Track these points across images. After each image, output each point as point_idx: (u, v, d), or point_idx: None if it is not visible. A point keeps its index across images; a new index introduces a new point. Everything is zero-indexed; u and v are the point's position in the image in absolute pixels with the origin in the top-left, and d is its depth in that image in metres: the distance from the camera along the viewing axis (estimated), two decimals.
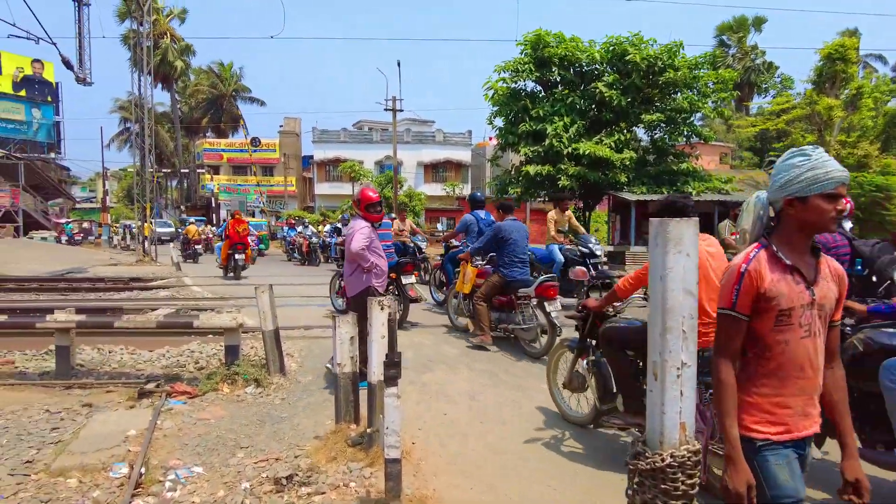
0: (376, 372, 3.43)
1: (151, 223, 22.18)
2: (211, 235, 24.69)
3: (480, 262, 6.96)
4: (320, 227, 22.84)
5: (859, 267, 4.24)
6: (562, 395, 4.49)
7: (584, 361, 4.17)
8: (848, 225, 4.72)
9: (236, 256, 13.83)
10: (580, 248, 8.81)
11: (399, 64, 25.72)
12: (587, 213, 22.53)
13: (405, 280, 7.55)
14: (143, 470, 3.55)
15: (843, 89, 22.41)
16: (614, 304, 3.96)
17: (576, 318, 4.33)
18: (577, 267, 6.38)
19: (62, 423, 4.44)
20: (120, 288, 12.50)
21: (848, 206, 4.36)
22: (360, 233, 5.05)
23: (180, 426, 4.35)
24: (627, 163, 18.79)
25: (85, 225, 39.25)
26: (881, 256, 4.18)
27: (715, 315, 3.09)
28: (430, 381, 5.37)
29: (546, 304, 6.11)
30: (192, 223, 23.08)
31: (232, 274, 14.13)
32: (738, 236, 2.84)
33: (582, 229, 9.68)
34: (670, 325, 1.87)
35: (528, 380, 5.44)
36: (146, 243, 21.35)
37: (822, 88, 22.50)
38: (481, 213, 8.23)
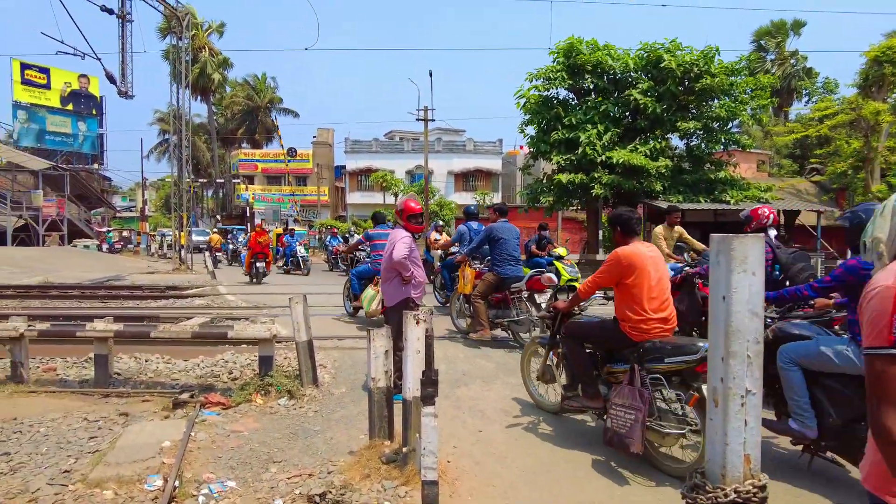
0: (412, 388, 3.34)
1: (189, 231, 22.80)
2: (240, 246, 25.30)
3: (479, 265, 7.63)
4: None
5: (777, 272, 4.85)
6: (535, 385, 5.04)
7: (553, 355, 4.69)
8: (773, 233, 5.22)
9: (257, 264, 15.41)
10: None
11: (431, 74, 25.96)
12: None
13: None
14: (177, 483, 3.53)
15: (892, 93, 21.55)
16: (580, 304, 4.46)
17: (546, 317, 4.89)
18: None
19: (99, 433, 4.47)
20: (156, 296, 12.75)
21: (771, 215, 5.27)
22: (401, 242, 5.05)
23: (214, 438, 4.34)
24: (663, 171, 18.41)
25: (125, 233, 40.46)
26: (795, 264, 4.79)
27: (651, 312, 3.81)
28: (464, 395, 5.26)
29: (536, 296, 6.79)
30: (216, 232, 24.55)
31: (255, 280, 15.61)
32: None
33: (700, 245, 7.61)
34: (734, 350, 1.73)
35: None
36: (182, 252, 21.82)
37: (869, 92, 21.67)
38: (473, 224, 8.61)
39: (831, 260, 18.07)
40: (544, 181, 20.92)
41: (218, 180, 49.19)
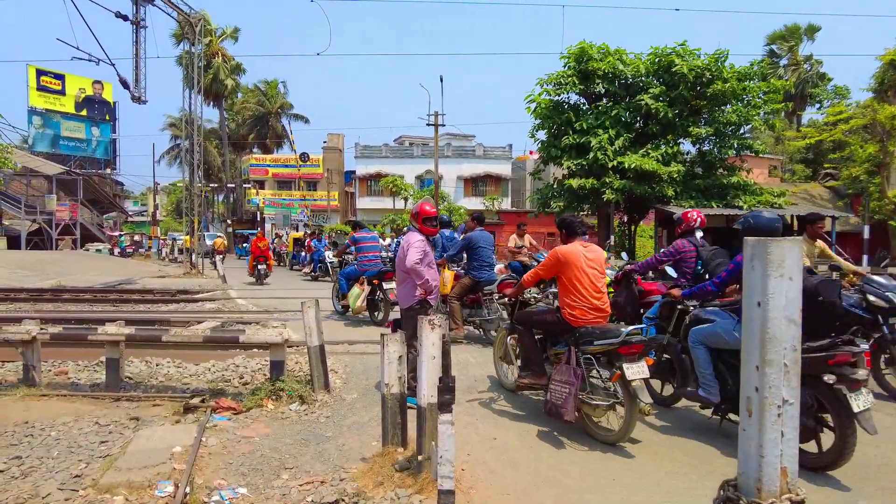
0: (427, 395, 3.28)
1: (202, 236, 23.01)
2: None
3: (457, 268, 8.32)
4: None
5: (700, 268, 5.51)
6: (501, 367, 5.74)
7: (511, 339, 5.37)
8: (699, 234, 5.79)
9: (259, 266, 17.29)
10: (871, 295, 5.29)
11: (441, 79, 25.97)
12: (632, 228, 22.01)
13: (386, 286, 8.96)
14: (187, 490, 3.47)
15: None
16: (527, 293, 5.40)
17: (505, 304, 5.75)
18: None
19: (110, 437, 4.44)
20: (167, 300, 12.79)
21: (699, 218, 5.81)
22: (414, 247, 5.06)
23: (224, 444, 4.29)
24: (675, 176, 18.27)
25: (136, 238, 40.77)
26: (714, 260, 5.34)
27: (585, 301, 4.43)
28: (476, 401, 5.18)
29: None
30: (220, 237, 25.74)
31: (258, 281, 17.27)
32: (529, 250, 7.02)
33: (852, 266, 6.63)
34: (770, 358, 1.65)
35: None
36: (193, 255, 21.93)
37: (885, 97, 21.40)
38: (445, 232, 8.97)
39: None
40: (555, 186, 20.83)
41: (229, 185, 49.49)
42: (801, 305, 1.68)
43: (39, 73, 39.12)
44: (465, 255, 7.88)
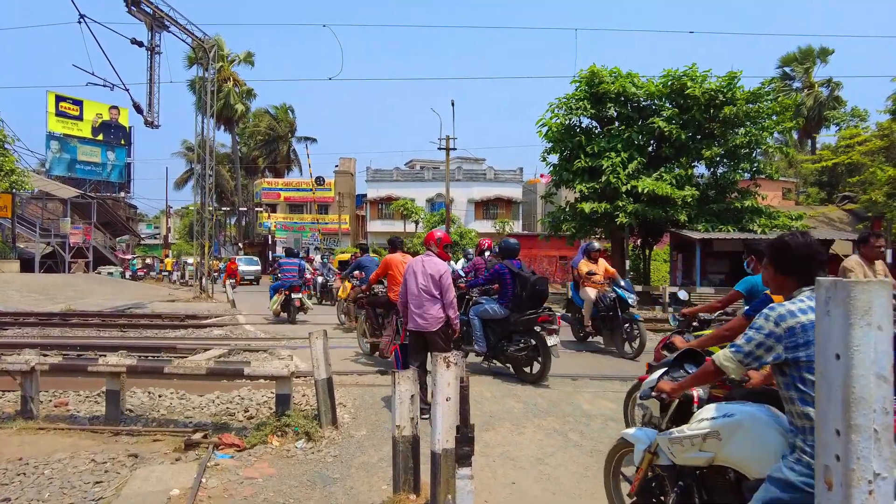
0: (442, 439, 3.02)
1: (217, 259, 23.23)
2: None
3: (356, 281, 10.25)
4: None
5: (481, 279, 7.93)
6: (362, 340, 8.82)
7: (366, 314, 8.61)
8: (487, 254, 9.17)
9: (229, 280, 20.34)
10: None
11: (453, 104, 26.09)
12: (646, 251, 21.67)
13: (294, 295, 12.84)
14: None
15: None
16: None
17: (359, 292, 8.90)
18: None
19: (106, 476, 4.20)
20: (175, 325, 12.62)
21: (486, 242, 10.45)
22: (448, 272, 5.67)
23: (226, 486, 4.03)
24: (689, 200, 18.00)
25: (148, 261, 40.93)
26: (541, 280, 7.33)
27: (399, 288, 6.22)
28: (493, 441, 4.89)
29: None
30: (216, 259, 26.68)
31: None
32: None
33: None
34: (857, 423, 1.39)
35: (603, 442, 4.87)
36: (203, 279, 21.85)
37: None
38: (368, 256, 11.12)
39: None
40: (566, 209, 20.61)
41: (241, 208, 49.82)
42: (892, 360, 1.42)
43: (58, 98, 39.84)
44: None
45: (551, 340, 6.86)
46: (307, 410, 5.46)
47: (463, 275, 9.92)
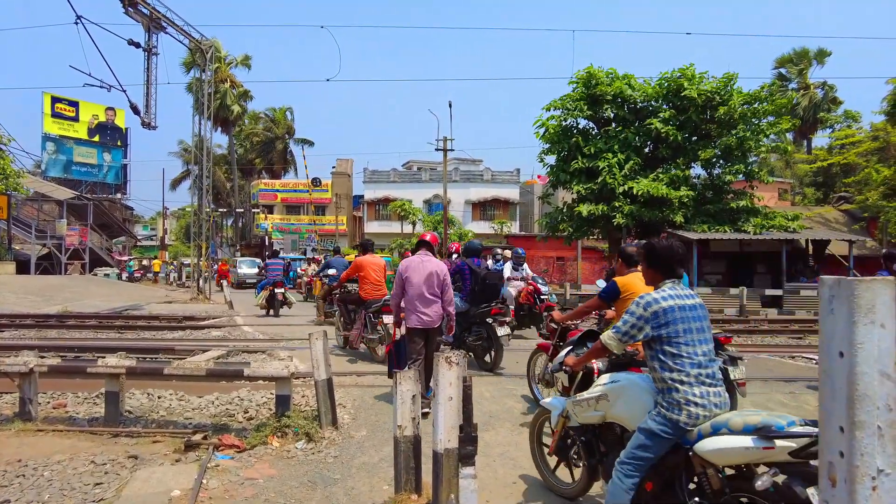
0: (444, 439, 3.02)
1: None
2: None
3: (326, 280, 12.00)
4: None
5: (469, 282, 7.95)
6: (337, 334, 9.69)
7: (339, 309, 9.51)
8: (454, 257, 9.94)
9: (223, 280, 20.47)
10: None
11: (450, 105, 26.14)
12: None
13: (277, 290, 14.46)
14: None
15: None
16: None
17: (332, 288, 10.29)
18: None
19: (106, 478, 4.19)
20: (173, 327, 12.59)
21: (455, 245, 11.46)
22: (449, 279, 5.86)
23: (227, 486, 4.02)
24: (686, 200, 18.05)
25: (144, 262, 40.81)
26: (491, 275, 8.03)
27: (371, 286, 8.41)
28: (493, 441, 4.90)
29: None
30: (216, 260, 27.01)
31: (220, 289, 20.16)
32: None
33: None
34: (861, 420, 1.40)
35: None
36: (200, 281, 21.80)
37: None
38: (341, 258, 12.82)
39: None
40: (564, 210, 20.65)
41: (237, 210, 49.72)
42: (894, 357, 1.43)
43: (54, 100, 39.74)
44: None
45: (501, 331, 7.53)
46: (307, 411, 5.46)
47: None
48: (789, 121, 19.40)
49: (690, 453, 2.64)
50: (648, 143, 19.51)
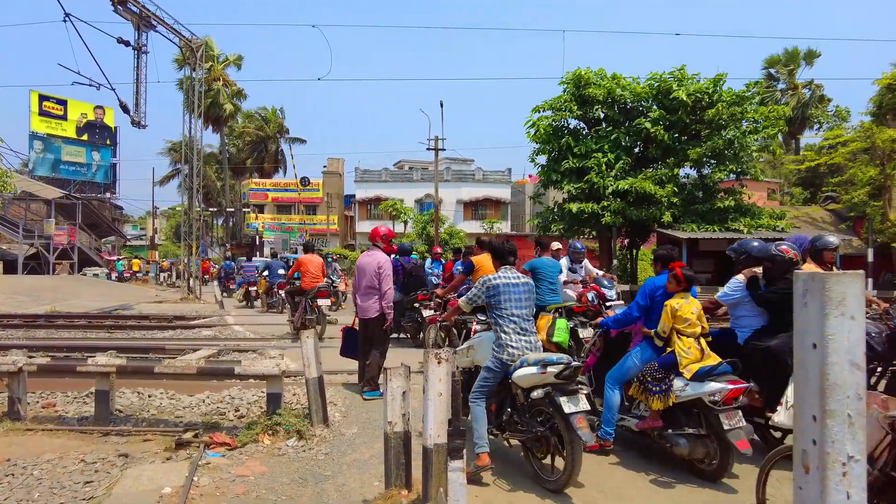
0: (433, 434, 3.06)
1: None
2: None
3: (268, 278, 15.45)
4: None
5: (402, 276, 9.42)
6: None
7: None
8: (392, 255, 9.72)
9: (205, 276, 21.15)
10: None
11: (442, 104, 26.14)
12: (633, 252, 21.86)
13: (251, 288, 17.68)
14: None
15: None
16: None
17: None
18: None
19: (96, 476, 4.19)
20: (163, 326, 12.54)
21: (437, 249, 13.86)
22: (389, 271, 6.19)
23: (218, 484, 4.04)
24: (673, 199, 18.19)
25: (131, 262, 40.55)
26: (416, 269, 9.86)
27: (310, 278, 10.52)
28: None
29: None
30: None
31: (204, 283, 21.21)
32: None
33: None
34: (832, 408, 1.46)
35: None
36: (191, 280, 21.70)
37: (883, 120, 21.46)
38: (276, 260, 15.94)
39: None
40: (555, 210, 20.74)
41: (228, 209, 49.46)
42: (864, 348, 1.49)
43: (42, 98, 39.35)
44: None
45: (427, 313, 9.01)
46: (298, 409, 5.48)
47: (432, 272, 11.87)
48: (781, 125, 19.56)
49: (509, 381, 4.09)
50: (638, 143, 19.62)
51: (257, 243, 42.03)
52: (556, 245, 8.27)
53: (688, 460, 4.18)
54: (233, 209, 49.15)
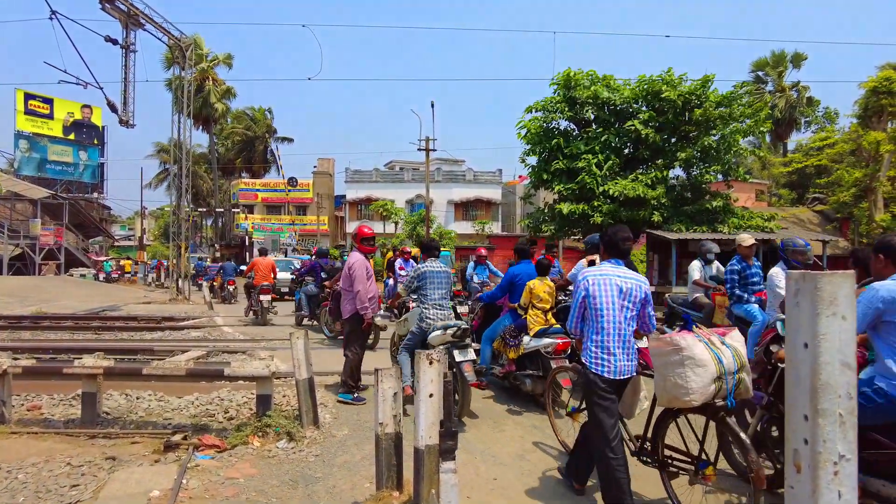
0: (425, 436, 3.05)
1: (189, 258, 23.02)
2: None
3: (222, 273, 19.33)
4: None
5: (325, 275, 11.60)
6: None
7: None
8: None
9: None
10: None
11: (433, 105, 26.12)
12: None
13: (214, 284, 19.99)
14: None
15: (890, 123, 21.62)
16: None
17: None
18: None
19: (83, 479, 4.14)
20: (152, 328, 12.41)
21: (314, 249, 16.44)
22: (358, 273, 6.03)
23: (207, 486, 4.00)
24: (663, 200, 18.30)
25: (122, 262, 40.14)
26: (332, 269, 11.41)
27: (261, 275, 12.96)
28: (473, 438, 4.94)
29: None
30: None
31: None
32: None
33: None
34: (824, 407, 1.46)
35: None
36: (179, 281, 21.52)
37: (869, 122, 21.72)
38: (232, 263, 17.78)
39: None
40: (546, 210, 20.79)
41: (217, 209, 49.10)
42: (854, 347, 1.49)
43: (27, 96, 38.88)
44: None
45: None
46: (288, 411, 5.44)
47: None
48: (763, 121, 19.72)
49: (426, 340, 5.44)
50: (628, 144, 19.71)
51: (246, 244, 41.78)
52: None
53: (532, 394, 5.85)
54: (222, 209, 48.81)
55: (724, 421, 3.08)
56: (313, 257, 14.04)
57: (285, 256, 25.04)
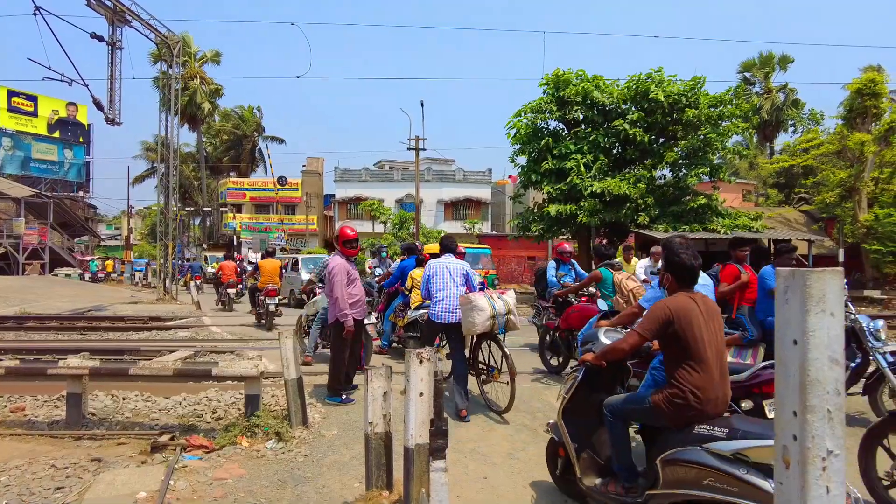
0: (415, 435, 3.03)
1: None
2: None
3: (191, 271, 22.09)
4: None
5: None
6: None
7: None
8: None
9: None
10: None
11: (422, 104, 26.05)
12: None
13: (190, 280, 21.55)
14: None
15: (874, 124, 21.91)
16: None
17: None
18: None
19: (67, 482, 4.08)
20: (139, 328, 12.29)
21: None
22: (336, 278, 5.77)
23: (195, 487, 3.96)
24: (648, 199, 18.41)
25: (108, 261, 39.67)
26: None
27: (228, 272, 16.08)
28: (464, 437, 4.93)
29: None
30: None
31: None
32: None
33: None
34: (812, 404, 1.47)
35: None
36: (167, 281, 21.31)
37: (853, 124, 22.00)
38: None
39: None
40: (535, 210, 20.85)
41: (205, 209, 48.69)
42: (843, 344, 1.50)
43: (11, 93, 38.34)
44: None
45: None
46: (277, 411, 5.41)
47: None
48: (749, 120, 19.90)
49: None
50: (617, 144, 19.81)
51: (235, 243, 41.47)
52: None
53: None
54: (210, 209, 48.41)
55: (497, 340, 5.57)
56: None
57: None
